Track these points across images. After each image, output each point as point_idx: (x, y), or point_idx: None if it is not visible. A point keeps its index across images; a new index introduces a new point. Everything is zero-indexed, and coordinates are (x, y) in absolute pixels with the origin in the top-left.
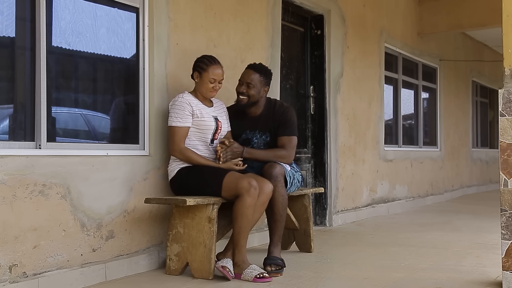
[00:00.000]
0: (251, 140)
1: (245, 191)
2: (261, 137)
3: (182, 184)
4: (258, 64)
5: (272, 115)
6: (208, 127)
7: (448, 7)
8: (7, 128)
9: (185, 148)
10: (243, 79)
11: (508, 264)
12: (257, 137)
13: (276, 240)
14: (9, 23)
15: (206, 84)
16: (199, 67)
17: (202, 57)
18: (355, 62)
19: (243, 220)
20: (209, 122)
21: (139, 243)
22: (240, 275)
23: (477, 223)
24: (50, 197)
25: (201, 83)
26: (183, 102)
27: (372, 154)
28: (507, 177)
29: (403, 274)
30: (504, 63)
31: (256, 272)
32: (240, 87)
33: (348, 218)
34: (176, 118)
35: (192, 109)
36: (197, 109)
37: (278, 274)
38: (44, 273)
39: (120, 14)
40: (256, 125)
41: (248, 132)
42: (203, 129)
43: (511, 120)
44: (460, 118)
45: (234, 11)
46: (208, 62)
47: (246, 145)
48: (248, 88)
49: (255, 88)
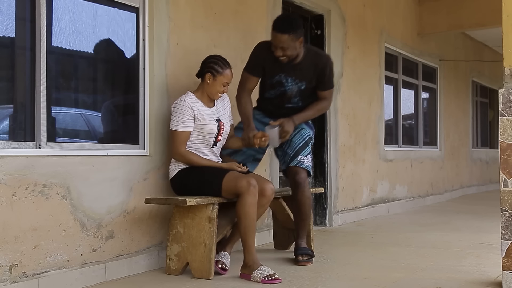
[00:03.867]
0: (284, 84)
1: (245, 190)
2: (296, 84)
3: (182, 185)
4: (281, 22)
5: (313, 67)
6: (211, 130)
7: (448, 7)
8: (7, 128)
9: (186, 151)
10: (274, 43)
11: (508, 264)
12: (292, 83)
13: (303, 235)
14: (9, 23)
15: (218, 87)
16: (213, 69)
17: (214, 58)
18: (355, 62)
19: (247, 220)
20: (211, 125)
21: (139, 243)
22: (250, 276)
23: (477, 223)
24: (50, 197)
25: (213, 85)
26: (185, 105)
27: (372, 154)
28: (507, 177)
29: (403, 274)
30: (504, 63)
31: (265, 273)
32: (276, 51)
33: (348, 218)
34: (177, 122)
35: (194, 112)
36: (199, 113)
37: (309, 263)
38: (44, 273)
39: (120, 14)
40: (293, 72)
41: (283, 76)
42: (205, 132)
43: (511, 120)
44: (460, 118)
45: (234, 11)
46: (223, 65)
47: (279, 87)
48: (284, 50)
49: (289, 48)
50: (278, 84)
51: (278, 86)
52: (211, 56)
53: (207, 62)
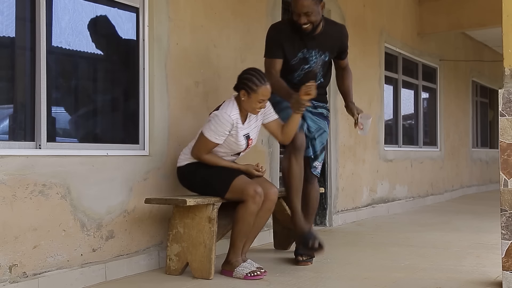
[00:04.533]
0: (309, 59)
1: (251, 198)
2: (320, 57)
3: (188, 176)
4: None
5: (332, 35)
6: (239, 147)
7: (448, 7)
8: (7, 128)
9: (205, 157)
10: (298, 10)
11: (508, 264)
12: (316, 56)
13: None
14: (9, 23)
15: (254, 104)
16: (247, 86)
17: (250, 74)
18: (355, 62)
19: (243, 225)
20: (241, 143)
21: (139, 243)
22: (232, 273)
23: (477, 223)
24: (50, 197)
25: (248, 102)
26: (228, 121)
27: (372, 154)
28: (507, 177)
29: (403, 274)
30: (504, 63)
31: (247, 270)
32: (300, 19)
33: (348, 218)
34: (213, 132)
35: (232, 131)
36: (235, 131)
37: (309, 263)
38: (44, 273)
39: (120, 14)
40: (315, 45)
41: (306, 51)
42: (232, 148)
43: (511, 120)
44: (460, 118)
45: (234, 11)
46: (259, 81)
47: (304, 64)
48: (308, 16)
49: (314, 13)
50: (303, 62)
51: (303, 64)
52: (247, 71)
53: (242, 78)
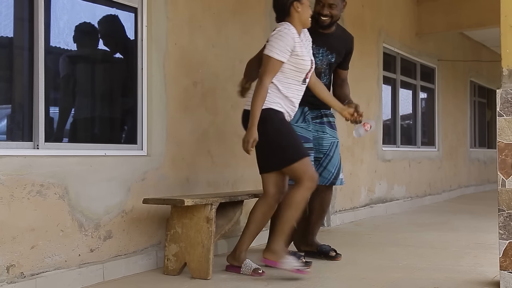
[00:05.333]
0: (315, 56)
1: (310, 182)
2: (327, 56)
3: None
4: None
5: (342, 39)
6: (305, 67)
7: (446, 7)
8: (5, 128)
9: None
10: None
11: (506, 264)
12: (322, 55)
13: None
14: (7, 23)
15: (308, 10)
16: None
17: None
18: (353, 62)
19: (297, 211)
20: (306, 62)
21: (137, 243)
22: (276, 263)
23: (475, 223)
24: (48, 197)
25: (304, 11)
26: (289, 34)
27: (370, 154)
28: (505, 177)
29: (401, 274)
30: (502, 63)
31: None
32: (322, 9)
33: (346, 218)
34: (275, 48)
35: (295, 45)
36: (299, 46)
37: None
38: (42, 273)
39: (119, 14)
40: (324, 43)
41: (314, 47)
42: (300, 68)
43: (509, 120)
44: (458, 118)
45: (233, 11)
46: None
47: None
48: (331, 9)
49: (337, 7)
50: None
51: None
52: None
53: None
